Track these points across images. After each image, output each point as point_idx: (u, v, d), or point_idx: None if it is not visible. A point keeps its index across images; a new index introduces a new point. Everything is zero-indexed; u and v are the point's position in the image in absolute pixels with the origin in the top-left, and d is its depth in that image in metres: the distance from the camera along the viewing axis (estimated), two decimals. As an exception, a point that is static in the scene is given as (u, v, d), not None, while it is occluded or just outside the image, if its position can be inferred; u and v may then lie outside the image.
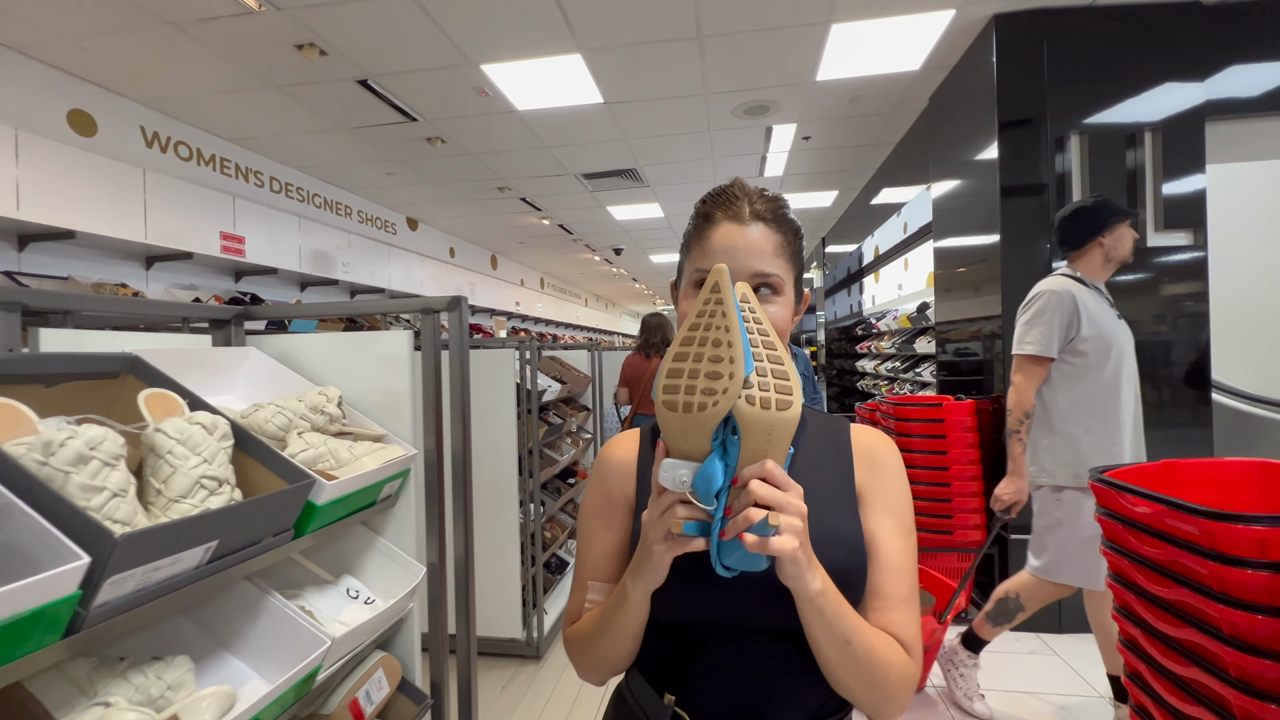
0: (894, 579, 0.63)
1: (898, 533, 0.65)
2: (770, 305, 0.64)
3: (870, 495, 0.66)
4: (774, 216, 0.67)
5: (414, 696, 0.99)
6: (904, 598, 0.63)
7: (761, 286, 0.64)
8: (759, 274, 0.64)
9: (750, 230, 0.65)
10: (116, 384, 0.77)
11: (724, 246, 0.65)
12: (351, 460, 0.88)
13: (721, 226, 0.66)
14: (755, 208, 0.66)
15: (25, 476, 0.50)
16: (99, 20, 2.63)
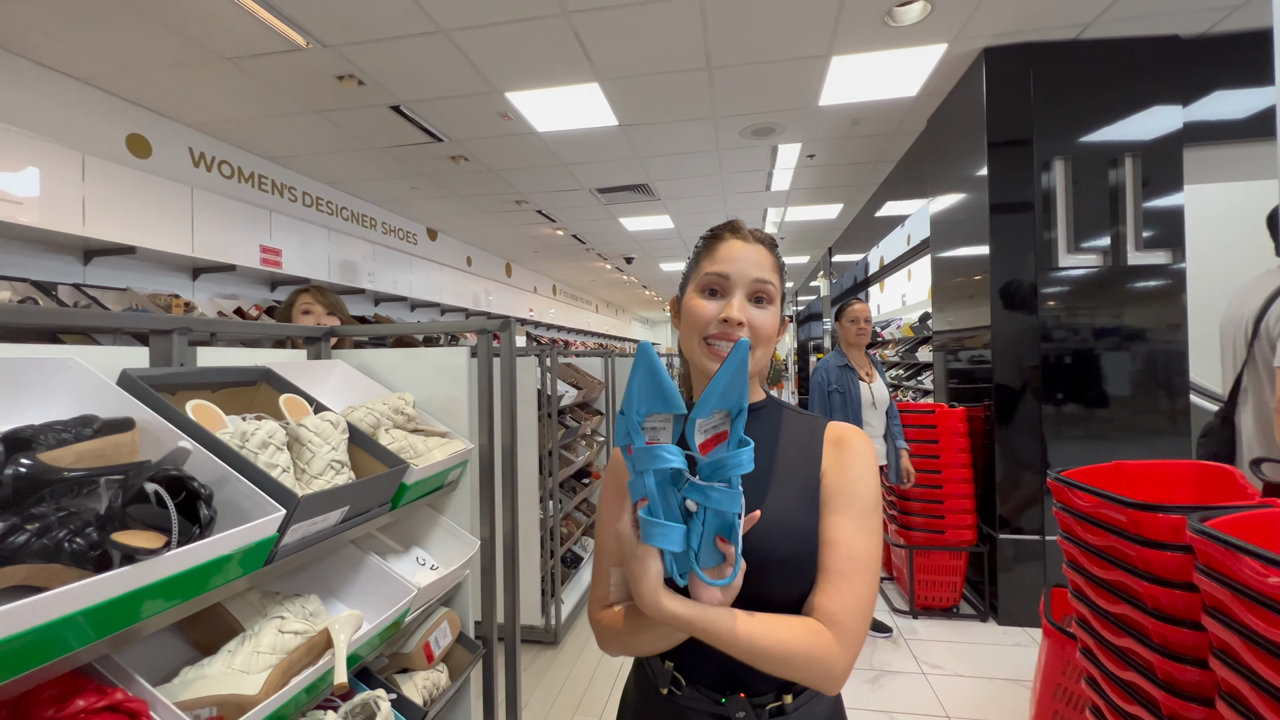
0: (832, 551, 0.69)
1: (847, 512, 0.71)
2: (763, 310, 0.75)
3: (830, 479, 0.73)
4: (769, 243, 0.79)
5: (469, 646, 1.21)
6: (840, 570, 0.68)
7: (758, 294, 0.75)
8: (758, 280, 0.74)
9: (751, 248, 0.76)
10: (254, 389, 1.00)
11: (732, 256, 0.75)
12: (426, 452, 1.10)
13: (730, 242, 0.77)
14: (755, 234, 0.79)
15: (235, 456, 0.72)
16: (165, 56, 2.90)
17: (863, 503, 0.72)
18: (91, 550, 0.55)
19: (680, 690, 0.74)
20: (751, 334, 0.74)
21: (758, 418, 0.78)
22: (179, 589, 0.61)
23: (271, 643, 0.72)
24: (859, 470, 0.74)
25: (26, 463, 0.53)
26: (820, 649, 0.64)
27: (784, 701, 0.72)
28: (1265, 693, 0.93)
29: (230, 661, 0.69)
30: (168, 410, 0.73)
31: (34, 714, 0.53)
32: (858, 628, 0.67)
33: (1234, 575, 0.99)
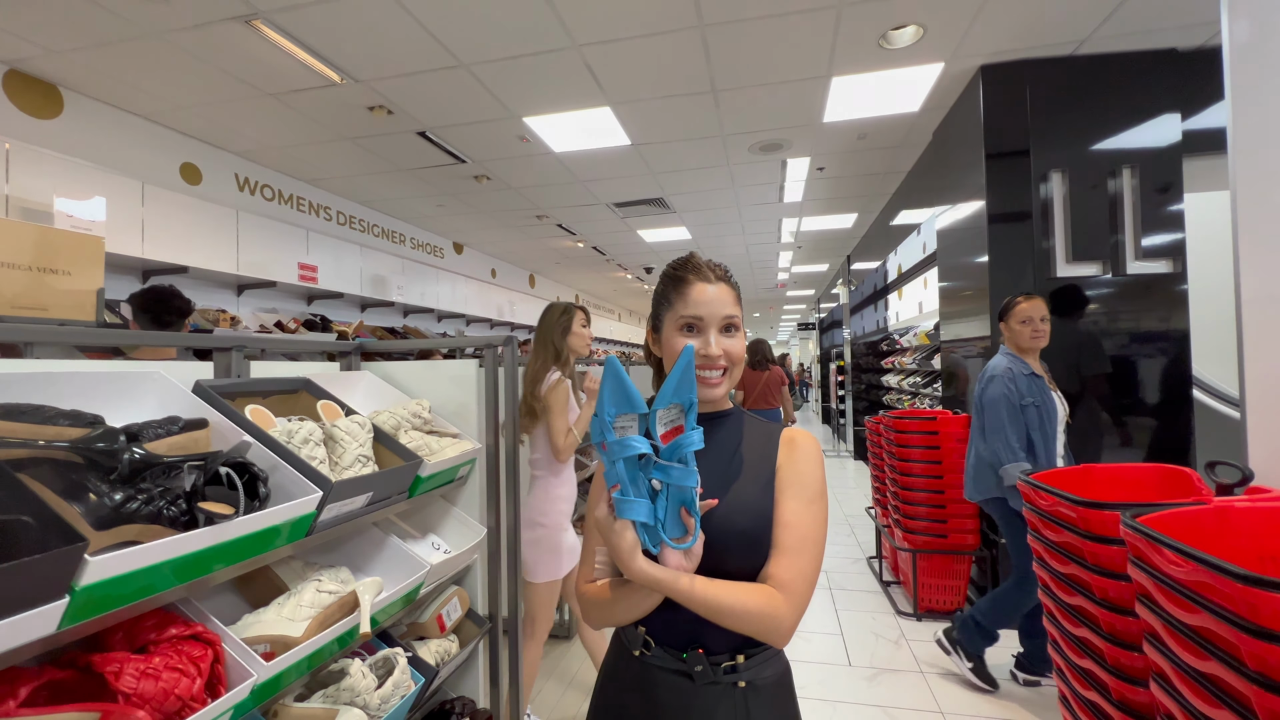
0: (785, 530, 0.83)
1: (797, 498, 0.85)
2: (734, 338, 0.89)
3: (783, 473, 0.87)
4: (729, 279, 0.92)
5: (477, 621, 1.38)
6: (791, 545, 0.81)
7: (727, 326, 0.89)
8: (728, 317, 0.88)
9: (717, 288, 0.89)
10: (296, 396, 1.19)
11: (703, 300, 0.88)
12: (440, 450, 1.28)
13: (696, 285, 0.89)
14: (715, 272, 0.91)
15: (283, 449, 0.91)
16: (216, 94, 3.20)
17: (811, 490, 0.86)
18: (181, 516, 0.74)
19: (650, 650, 0.89)
20: (726, 358, 0.89)
21: (724, 423, 0.93)
22: (242, 549, 0.78)
23: (311, 599, 0.90)
24: (808, 464, 0.87)
25: (139, 452, 0.71)
26: (771, 607, 0.77)
27: (737, 661, 0.85)
28: (1184, 672, 1.04)
29: (280, 611, 0.87)
30: (231, 412, 0.92)
31: (141, 636, 0.72)
32: (803, 592, 0.80)
33: (1155, 565, 1.10)
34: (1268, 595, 0.82)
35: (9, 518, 0.56)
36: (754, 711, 0.86)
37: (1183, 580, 1.02)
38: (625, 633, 0.93)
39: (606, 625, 0.91)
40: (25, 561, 0.53)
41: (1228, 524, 1.20)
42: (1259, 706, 0.86)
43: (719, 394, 0.90)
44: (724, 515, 0.84)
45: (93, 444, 0.68)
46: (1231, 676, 0.92)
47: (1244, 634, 0.87)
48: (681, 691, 0.87)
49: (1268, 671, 0.85)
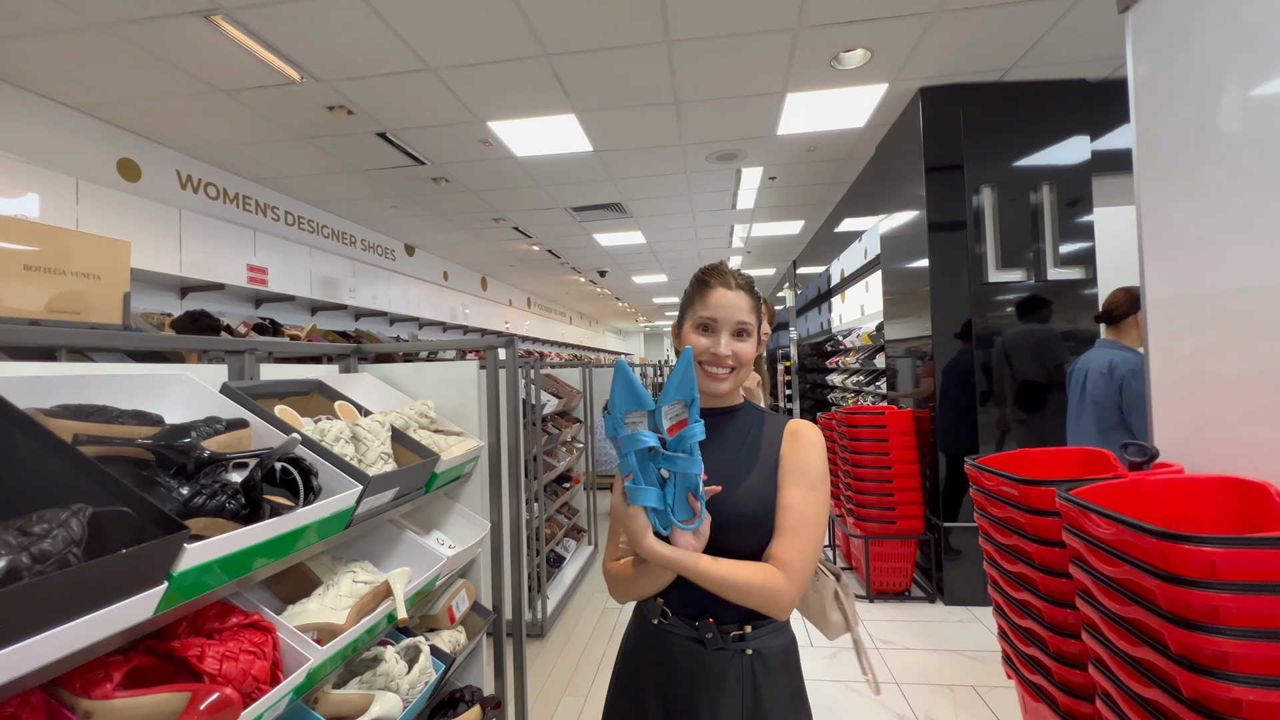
0: (786, 514, 0.91)
1: (799, 485, 0.93)
2: (745, 343, 0.97)
3: (786, 460, 0.96)
4: (747, 287, 1.00)
5: (482, 613, 1.43)
6: (792, 527, 0.90)
7: (739, 330, 0.97)
8: (741, 322, 0.96)
9: (735, 295, 0.98)
10: (309, 398, 1.21)
11: (720, 303, 0.97)
12: (447, 448, 1.32)
13: (717, 290, 0.98)
14: (737, 280, 1.00)
15: (320, 446, 0.95)
16: (162, 87, 3.06)
17: (811, 477, 0.94)
18: (241, 510, 0.78)
19: (667, 619, 0.99)
20: (734, 360, 0.99)
21: (734, 417, 1.03)
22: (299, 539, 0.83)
23: (349, 589, 0.95)
24: (810, 454, 0.96)
25: (207, 450, 0.75)
26: (772, 583, 0.86)
27: (745, 630, 0.95)
28: (1110, 619, 1.22)
29: (322, 601, 0.91)
30: (265, 413, 0.95)
31: (206, 625, 0.75)
32: (802, 570, 0.89)
33: (1084, 529, 1.29)
34: (1178, 547, 1.01)
35: (111, 509, 0.60)
36: (759, 676, 0.96)
37: (1109, 540, 1.20)
38: (646, 604, 1.03)
39: (629, 598, 1.02)
40: (143, 548, 0.57)
41: (1141, 494, 1.41)
42: (1171, 640, 1.05)
43: (723, 389, 0.99)
44: (731, 500, 0.93)
45: (171, 441, 0.71)
46: (1149, 618, 1.10)
47: (1159, 580, 1.05)
48: (694, 655, 0.97)
49: (1178, 610, 1.03)
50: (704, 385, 1.00)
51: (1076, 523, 1.31)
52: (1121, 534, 1.14)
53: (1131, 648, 1.18)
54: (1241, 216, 1.38)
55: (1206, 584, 1.00)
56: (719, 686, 0.95)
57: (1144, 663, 1.16)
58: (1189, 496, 1.39)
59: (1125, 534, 1.13)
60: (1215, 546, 1.00)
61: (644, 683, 1.00)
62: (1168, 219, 1.69)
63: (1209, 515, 1.38)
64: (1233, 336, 1.45)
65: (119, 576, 0.58)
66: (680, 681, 0.97)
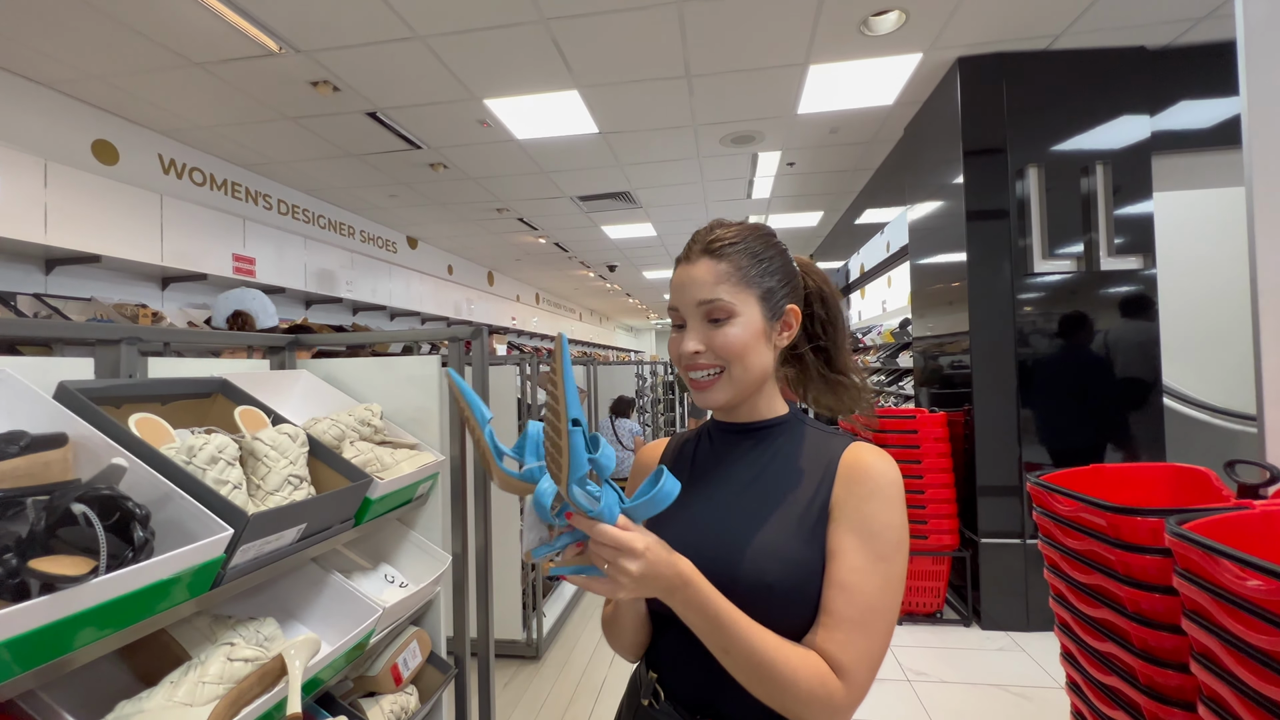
0: (844, 597, 0.62)
1: (861, 552, 0.63)
2: (726, 327, 0.68)
3: (840, 512, 0.66)
4: (718, 248, 0.70)
5: (440, 667, 1.16)
6: (852, 619, 0.61)
7: (711, 314, 0.69)
8: (702, 302, 0.69)
9: (694, 267, 0.70)
10: (210, 401, 0.95)
11: (675, 286, 0.72)
12: (394, 464, 1.06)
13: (677, 270, 0.73)
14: (703, 244, 0.72)
15: (180, 472, 0.68)
16: (132, 61, 2.83)
17: (882, 540, 0.64)
18: (10, 578, 0.51)
19: (658, 704, 0.72)
20: (716, 357, 0.69)
21: (770, 434, 0.75)
22: (113, 616, 0.56)
23: (219, 671, 0.68)
24: (878, 502, 0.65)
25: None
26: (825, 692, 0.58)
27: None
28: (1245, 696, 0.92)
29: (172, 694, 0.65)
30: (107, 424, 0.69)
31: (-58, 760, 0.49)
32: (866, 684, 0.61)
33: (1212, 579, 0.98)
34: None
35: None
36: None
37: (1253, 597, 0.90)
38: (639, 672, 0.77)
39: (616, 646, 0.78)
40: None
41: (1274, 528, 1.11)
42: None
43: (714, 400, 0.71)
44: (744, 561, 0.65)
45: None
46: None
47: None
48: None
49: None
50: (697, 401, 0.72)
51: (1198, 568, 1.01)
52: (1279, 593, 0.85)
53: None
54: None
55: None
56: None
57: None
58: (1341, 535, 1.09)
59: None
60: None
61: None
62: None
63: (1371, 561, 1.07)
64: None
65: None
66: None
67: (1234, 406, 3.21)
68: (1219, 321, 3.33)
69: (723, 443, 0.78)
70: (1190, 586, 1.03)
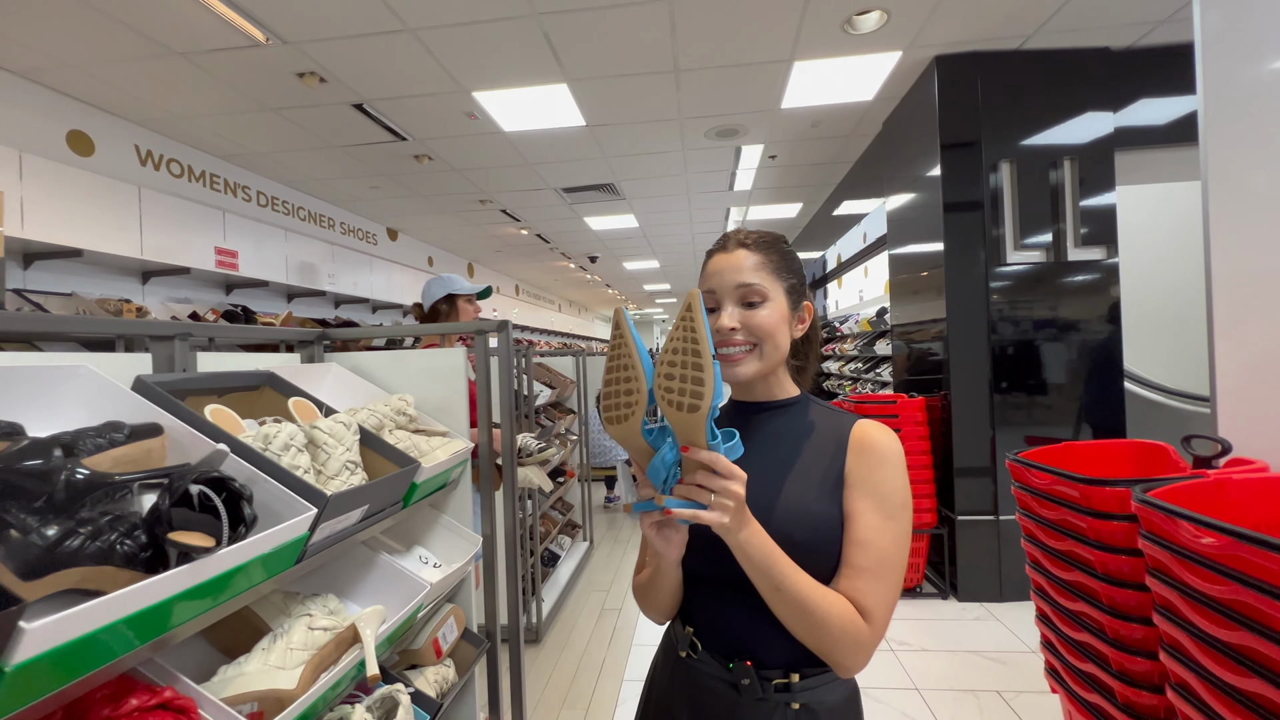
0: (860, 551, 0.72)
1: (875, 512, 0.73)
2: (760, 310, 0.78)
3: (855, 479, 0.75)
4: (752, 242, 0.81)
5: (474, 641, 1.23)
6: (871, 569, 0.71)
7: (745, 298, 0.78)
8: (740, 285, 0.78)
9: (732, 255, 0.80)
10: (258, 394, 0.99)
11: (713, 271, 0.81)
12: (430, 451, 1.12)
13: (714, 258, 0.83)
14: (737, 238, 0.82)
15: (261, 458, 0.74)
16: (112, 50, 2.77)
17: (890, 502, 0.74)
18: (141, 552, 0.56)
19: (695, 654, 0.80)
20: (749, 333, 0.78)
21: (785, 413, 0.83)
22: (225, 588, 0.62)
23: (303, 639, 0.74)
24: (887, 470, 0.75)
25: (83, 471, 0.54)
26: (854, 629, 0.69)
27: (791, 679, 0.76)
28: (1202, 641, 1.04)
29: (265, 659, 0.71)
30: (189, 415, 0.73)
31: (90, 714, 0.54)
32: (885, 623, 0.71)
33: (1173, 538, 1.10)
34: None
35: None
36: None
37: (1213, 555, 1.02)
38: (673, 629, 0.86)
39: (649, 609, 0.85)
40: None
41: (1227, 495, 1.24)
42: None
43: (744, 374, 0.79)
44: (772, 521, 0.73)
45: (18, 462, 0.50)
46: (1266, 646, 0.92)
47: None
48: (727, 703, 0.78)
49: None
50: (728, 375, 0.79)
51: (1160, 530, 1.13)
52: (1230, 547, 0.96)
53: (1234, 677, 1.00)
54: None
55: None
56: None
57: (1253, 696, 0.99)
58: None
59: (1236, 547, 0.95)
60: (1366, 568, 0.82)
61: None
62: (1243, 186, 1.50)
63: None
64: (1324, 315, 1.28)
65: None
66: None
67: (1187, 389, 3.43)
68: (1175, 309, 3.54)
69: (742, 420, 0.86)
70: (1153, 547, 1.16)
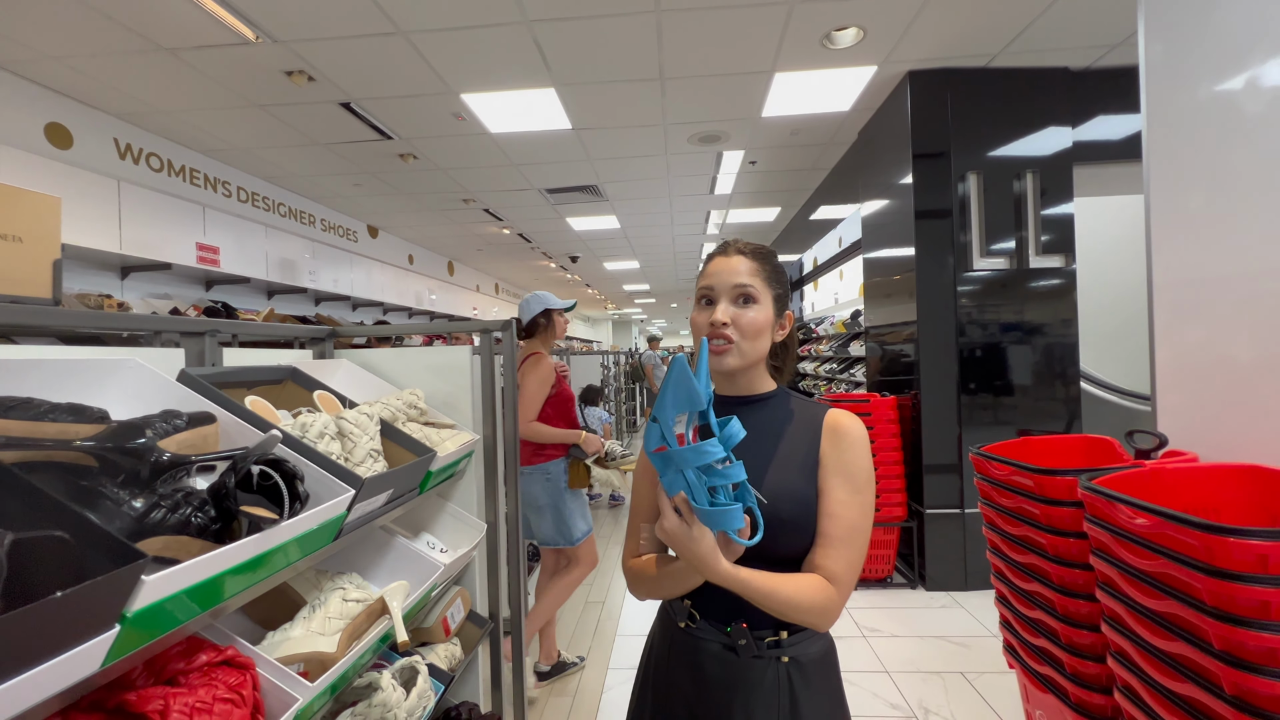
0: (832, 522, 0.83)
1: (844, 488, 0.85)
2: (749, 309, 0.88)
3: (828, 460, 0.86)
4: (750, 251, 0.92)
5: (478, 622, 1.31)
6: (840, 537, 0.83)
7: (741, 296, 0.88)
8: (738, 285, 0.88)
9: (732, 260, 0.90)
10: (282, 387, 1.06)
11: (713, 271, 0.91)
12: (440, 442, 1.19)
13: (715, 260, 0.92)
14: (737, 247, 0.93)
15: (302, 445, 0.80)
16: (95, 43, 2.76)
17: (859, 479, 0.86)
18: (211, 524, 0.63)
19: (695, 623, 0.90)
20: (737, 330, 0.88)
21: (765, 405, 0.93)
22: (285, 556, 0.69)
23: (339, 609, 0.81)
24: (854, 453, 0.87)
25: (166, 454, 0.60)
26: (823, 600, 0.80)
27: (780, 636, 0.88)
28: (1136, 612, 1.18)
29: (308, 626, 0.78)
30: (233, 405, 0.80)
31: (168, 667, 0.61)
32: (852, 582, 0.83)
33: (1112, 520, 1.24)
34: (1225, 541, 0.96)
35: (40, 534, 0.46)
36: (797, 686, 0.88)
37: (1144, 533, 1.15)
38: (671, 605, 0.95)
39: (653, 598, 0.93)
40: (86, 586, 0.43)
41: (1161, 483, 1.38)
42: (1215, 636, 1.00)
43: (729, 366, 0.89)
44: (769, 504, 0.84)
45: (120, 442, 0.56)
46: (1187, 612, 1.05)
47: (1204, 575, 1.00)
48: (726, 663, 0.89)
49: (1223, 605, 0.99)
50: (712, 364, 0.89)
51: (1102, 514, 1.26)
52: (1160, 527, 1.10)
53: (1163, 642, 1.14)
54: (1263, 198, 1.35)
55: (1257, 579, 0.96)
56: (753, 697, 0.88)
57: (1177, 657, 1.12)
58: (1209, 485, 1.37)
59: (1164, 527, 1.08)
60: (1267, 540, 0.95)
61: (671, 692, 0.93)
62: (1181, 202, 1.65)
63: (1230, 504, 1.35)
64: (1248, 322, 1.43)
65: (53, 626, 0.44)
66: (711, 692, 0.89)
67: (1138, 389, 3.66)
68: (1128, 314, 3.76)
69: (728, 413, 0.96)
70: (1096, 528, 1.29)
